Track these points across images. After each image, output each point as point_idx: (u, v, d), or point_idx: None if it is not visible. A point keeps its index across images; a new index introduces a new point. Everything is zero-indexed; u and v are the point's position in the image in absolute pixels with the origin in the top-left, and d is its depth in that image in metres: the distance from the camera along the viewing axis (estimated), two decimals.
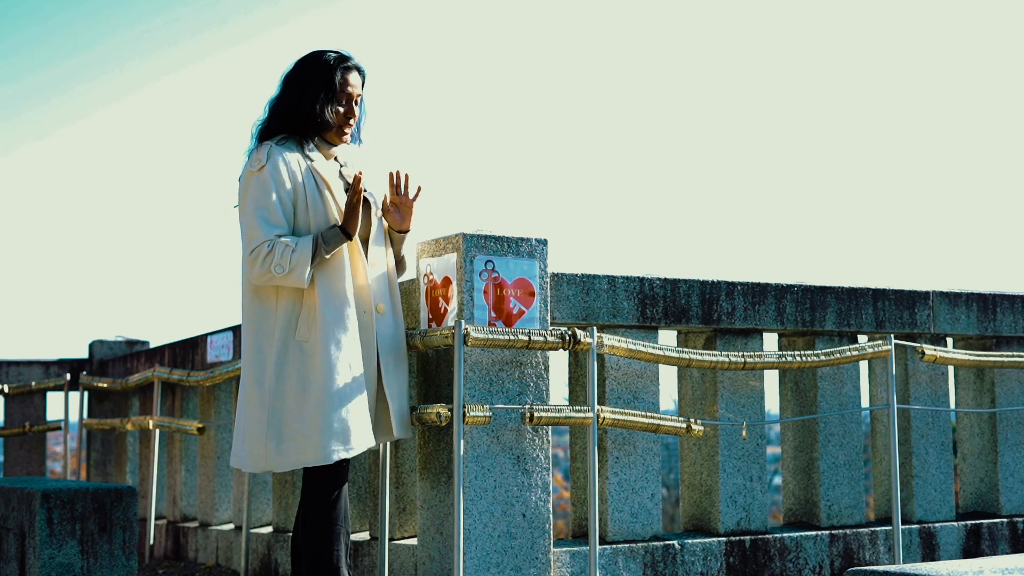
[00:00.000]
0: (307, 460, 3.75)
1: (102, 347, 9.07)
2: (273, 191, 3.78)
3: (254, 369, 3.83)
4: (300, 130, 3.92)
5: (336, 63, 3.91)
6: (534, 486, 4.39)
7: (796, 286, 5.36)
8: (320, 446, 3.74)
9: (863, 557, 5.35)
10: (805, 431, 5.52)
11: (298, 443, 3.75)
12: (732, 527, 5.13)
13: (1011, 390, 6.00)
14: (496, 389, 4.34)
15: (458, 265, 4.32)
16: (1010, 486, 5.94)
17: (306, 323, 3.80)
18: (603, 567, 4.68)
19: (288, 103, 3.91)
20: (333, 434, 3.75)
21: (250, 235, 3.79)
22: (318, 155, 3.94)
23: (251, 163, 3.85)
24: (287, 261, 3.72)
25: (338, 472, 3.82)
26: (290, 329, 3.80)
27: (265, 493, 6.14)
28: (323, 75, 3.89)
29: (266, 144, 3.86)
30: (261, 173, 3.80)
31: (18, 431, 8.46)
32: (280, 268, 3.72)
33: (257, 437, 3.79)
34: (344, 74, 3.92)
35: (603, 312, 4.84)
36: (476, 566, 4.24)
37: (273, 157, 3.81)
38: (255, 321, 3.86)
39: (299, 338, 3.79)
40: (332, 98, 3.90)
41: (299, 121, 3.90)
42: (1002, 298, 5.99)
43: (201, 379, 6.36)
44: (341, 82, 3.91)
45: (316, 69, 3.90)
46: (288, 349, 3.79)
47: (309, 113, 3.88)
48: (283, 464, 3.78)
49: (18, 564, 4.41)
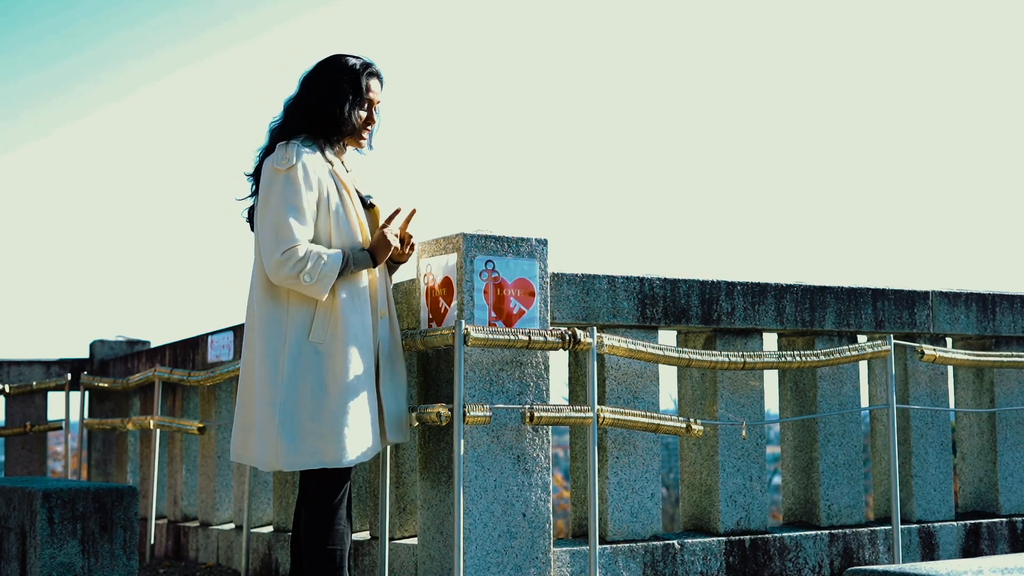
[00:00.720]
0: (325, 461, 3.75)
1: (103, 347, 9.08)
2: (303, 191, 3.77)
3: (267, 368, 3.79)
4: (322, 132, 3.92)
5: (363, 68, 3.95)
6: (534, 486, 4.39)
7: (796, 286, 5.37)
8: (339, 448, 3.74)
9: (863, 557, 5.36)
10: (805, 431, 5.53)
11: (315, 444, 3.74)
12: (732, 527, 5.14)
13: (1010, 390, 6.01)
14: (496, 389, 4.34)
15: (458, 265, 4.33)
16: (1009, 486, 5.95)
17: (322, 325, 3.79)
18: (603, 567, 4.68)
19: (311, 104, 3.90)
20: (352, 436, 3.76)
21: (281, 234, 3.74)
22: (335, 159, 3.95)
23: (278, 161, 3.80)
24: (317, 272, 3.72)
25: (344, 473, 3.83)
26: (303, 330, 3.79)
27: (266, 493, 6.15)
28: (351, 79, 3.92)
29: (292, 143, 3.83)
30: (291, 172, 3.77)
31: (19, 431, 8.47)
32: (309, 277, 3.72)
33: (269, 436, 3.78)
34: (369, 79, 3.96)
35: (603, 312, 4.85)
36: (476, 566, 4.24)
37: (302, 157, 3.80)
38: (266, 320, 3.82)
39: (313, 339, 3.78)
40: (359, 102, 3.93)
41: (323, 123, 3.90)
42: (1001, 298, 6.00)
43: (202, 379, 6.37)
44: (366, 87, 3.95)
45: (344, 73, 3.92)
46: (302, 351, 3.78)
47: (335, 116, 3.89)
48: (298, 464, 3.75)
49: (19, 564, 4.42)
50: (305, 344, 3.78)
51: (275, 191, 3.78)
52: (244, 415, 3.91)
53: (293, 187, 3.76)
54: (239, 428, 3.93)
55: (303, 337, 3.79)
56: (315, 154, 3.86)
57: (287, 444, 3.74)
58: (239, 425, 3.93)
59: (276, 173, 3.79)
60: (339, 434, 3.74)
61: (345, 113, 3.89)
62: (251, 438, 3.87)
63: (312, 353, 3.78)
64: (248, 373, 3.91)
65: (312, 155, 3.84)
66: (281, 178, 3.78)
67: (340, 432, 3.74)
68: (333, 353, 3.78)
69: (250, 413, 3.88)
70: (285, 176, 3.77)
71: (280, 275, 3.74)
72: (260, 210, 3.84)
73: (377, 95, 4.00)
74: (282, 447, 3.74)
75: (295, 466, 3.76)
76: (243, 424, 3.91)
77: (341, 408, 3.75)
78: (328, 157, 3.91)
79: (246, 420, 3.90)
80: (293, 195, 3.76)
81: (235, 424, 3.96)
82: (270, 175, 3.82)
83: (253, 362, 3.87)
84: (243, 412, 3.92)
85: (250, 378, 3.89)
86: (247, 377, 3.91)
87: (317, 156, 3.86)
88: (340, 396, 3.76)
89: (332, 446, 3.74)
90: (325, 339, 3.79)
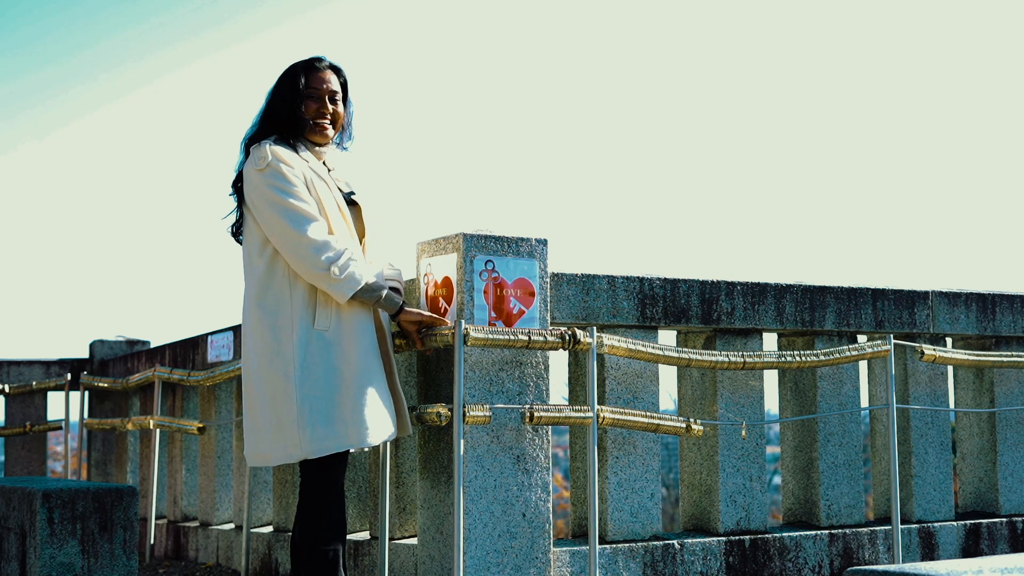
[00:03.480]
0: (349, 443, 3.79)
1: (103, 347, 9.08)
2: (291, 177, 3.83)
3: (279, 362, 3.81)
4: (283, 134, 3.99)
5: (303, 64, 4.03)
6: (534, 486, 4.39)
7: (796, 286, 5.37)
8: (361, 430, 3.79)
9: (862, 557, 5.36)
10: (805, 431, 5.53)
11: (337, 428, 3.77)
12: (732, 527, 5.14)
13: (1010, 390, 6.01)
14: (496, 389, 4.34)
15: (458, 265, 4.33)
16: (1009, 486, 5.95)
17: (326, 313, 3.84)
18: (603, 567, 4.68)
19: (267, 110, 4.02)
20: (372, 417, 3.81)
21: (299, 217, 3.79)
22: (311, 157, 4.00)
23: (255, 162, 3.86)
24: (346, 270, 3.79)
25: (335, 466, 3.83)
26: (308, 319, 3.82)
27: (265, 493, 6.15)
28: (291, 78, 4.01)
29: (264, 143, 3.90)
30: (272, 167, 3.83)
31: (19, 431, 8.47)
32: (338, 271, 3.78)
33: (288, 427, 3.78)
34: (312, 73, 4.02)
35: (603, 312, 4.85)
36: (476, 566, 4.24)
37: (276, 152, 3.86)
38: (270, 315, 3.84)
39: (318, 328, 3.83)
40: (302, 97, 3.98)
41: (280, 125, 3.99)
42: (1001, 298, 6.00)
43: (202, 379, 6.37)
44: (310, 79, 4.00)
45: (287, 75, 4.03)
46: (310, 340, 3.82)
47: (286, 115, 3.98)
48: (322, 449, 3.77)
49: (19, 563, 4.42)
50: (312, 332, 3.82)
51: (265, 188, 3.83)
52: (252, 417, 3.91)
53: (281, 178, 3.83)
54: (250, 430, 3.92)
55: (308, 326, 3.82)
56: (289, 151, 3.92)
57: (309, 431, 3.76)
58: (249, 428, 3.92)
59: (258, 173, 3.85)
60: (360, 416, 3.79)
61: (292, 110, 3.97)
62: (264, 436, 3.86)
63: (320, 341, 3.82)
64: (250, 376, 3.90)
65: (286, 151, 3.91)
66: (264, 176, 3.83)
67: (360, 414, 3.80)
68: (340, 339, 3.84)
69: (258, 414, 3.88)
70: (268, 173, 3.83)
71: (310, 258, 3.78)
72: (262, 215, 3.86)
73: (330, 85, 4.03)
74: (304, 435, 3.76)
75: (319, 452, 3.77)
76: (253, 426, 3.91)
77: (359, 390, 3.81)
78: (303, 156, 3.96)
79: (254, 422, 3.90)
80: (285, 183, 3.83)
81: (245, 429, 3.96)
82: (253, 179, 3.87)
83: (258, 363, 3.86)
84: (251, 415, 3.91)
85: (252, 381, 3.89)
86: (249, 382, 3.91)
87: (291, 153, 3.93)
88: (355, 379, 3.82)
89: (353, 429, 3.79)
90: (330, 326, 3.84)
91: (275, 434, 3.82)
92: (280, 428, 3.80)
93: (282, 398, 3.79)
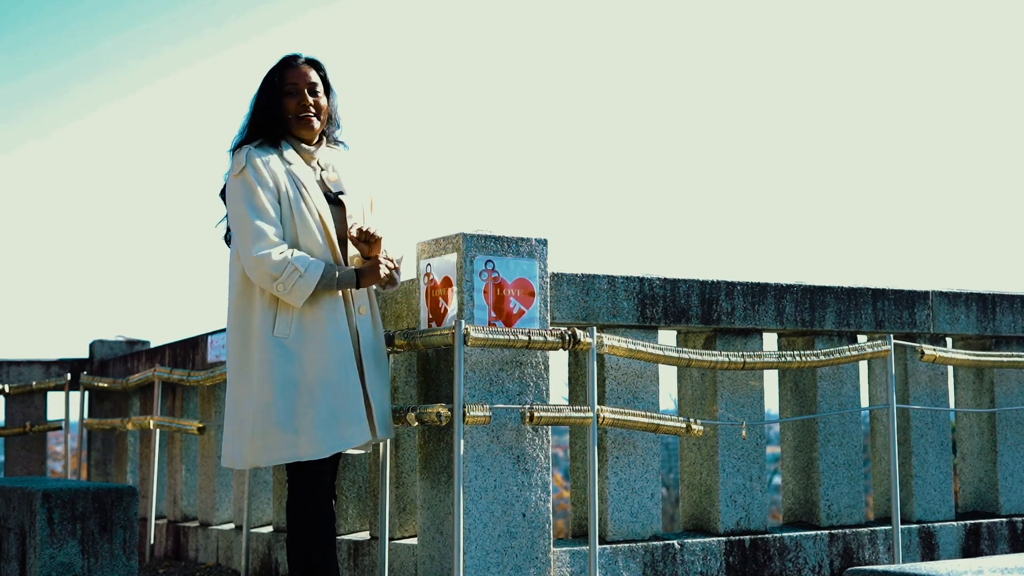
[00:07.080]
0: (298, 455, 3.78)
1: (102, 347, 9.08)
2: (259, 190, 3.85)
3: (236, 366, 3.90)
4: (268, 134, 4.00)
5: (279, 63, 4.05)
6: (534, 486, 4.39)
7: (796, 286, 5.37)
8: (312, 441, 3.77)
9: (862, 557, 5.36)
10: (805, 431, 5.52)
11: (287, 438, 3.78)
12: (732, 527, 5.14)
13: (1010, 390, 6.01)
14: (496, 389, 4.34)
15: (458, 265, 4.33)
16: (1009, 486, 5.95)
17: (286, 320, 3.84)
18: (603, 567, 4.68)
19: (251, 115, 4.04)
20: (325, 430, 3.78)
21: (252, 234, 3.80)
22: (296, 158, 3.99)
23: (231, 169, 3.94)
24: (291, 284, 3.77)
25: (317, 469, 3.84)
26: (267, 325, 3.83)
27: (265, 493, 6.15)
28: (269, 78, 4.03)
29: (242, 149, 3.94)
30: (243, 175, 3.88)
31: (19, 431, 8.47)
32: (283, 287, 3.78)
33: (243, 433, 3.85)
34: (288, 70, 4.03)
35: (603, 312, 4.85)
36: (476, 566, 4.24)
37: (252, 160, 3.89)
38: (241, 319, 3.92)
39: (277, 334, 3.83)
40: (281, 95, 4.00)
41: (264, 126, 4.00)
42: (1001, 298, 6.00)
43: (201, 379, 6.37)
44: (287, 76, 4.01)
45: (265, 77, 4.06)
46: (268, 346, 3.82)
47: (268, 115, 3.99)
48: (272, 459, 3.82)
49: (19, 564, 4.42)
50: (271, 339, 3.82)
51: (235, 197, 3.89)
52: (225, 420, 4.01)
53: (248, 188, 3.86)
54: (224, 433, 4.01)
55: (268, 332, 3.83)
56: (269, 156, 3.94)
57: (260, 440, 3.80)
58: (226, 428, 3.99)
59: (233, 180, 3.92)
60: (311, 428, 3.78)
61: (273, 110, 3.99)
62: (228, 439, 3.95)
63: (278, 348, 3.81)
64: (228, 379, 4.00)
65: (265, 157, 3.92)
66: (237, 183, 3.89)
67: (311, 426, 3.78)
68: (300, 348, 3.82)
69: (226, 417, 3.98)
70: (241, 180, 3.88)
71: (257, 275, 3.81)
72: (230, 219, 3.95)
73: (309, 78, 4.03)
74: (255, 443, 3.81)
75: (269, 461, 3.83)
76: (225, 429, 4.01)
77: (314, 400, 3.79)
78: (287, 158, 3.96)
79: (226, 424, 4.00)
80: (250, 195, 3.85)
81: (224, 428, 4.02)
82: (229, 185, 3.94)
83: (230, 368, 3.96)
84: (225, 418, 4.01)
85: (229, 384, 3.99)
86: (228, 385, 4.00)
87: (273, 158, 3.94)
88: (310, 390, 3.80)
89: (305, 439, 3.78)
90: (290, 333, 3.83)
91: (236, 439, 3.90)
92: (240, 433, 3.87)
93: (245, 404, 3.86)
